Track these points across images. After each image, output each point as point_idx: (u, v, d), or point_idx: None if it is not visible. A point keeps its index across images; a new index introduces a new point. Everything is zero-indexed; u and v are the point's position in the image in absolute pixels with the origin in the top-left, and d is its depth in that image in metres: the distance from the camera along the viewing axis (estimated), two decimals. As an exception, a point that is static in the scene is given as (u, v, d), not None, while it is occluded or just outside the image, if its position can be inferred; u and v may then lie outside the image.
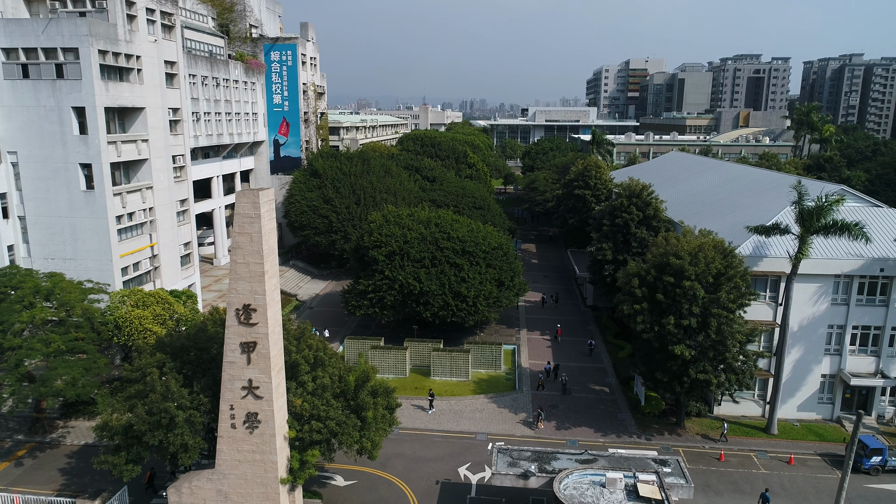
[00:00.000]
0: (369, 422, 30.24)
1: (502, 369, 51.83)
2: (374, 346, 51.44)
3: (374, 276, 53.80)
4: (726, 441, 40.77)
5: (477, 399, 46.64)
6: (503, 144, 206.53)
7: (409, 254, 53.37)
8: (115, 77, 47.37)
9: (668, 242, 40.22)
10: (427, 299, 52.39)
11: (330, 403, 29.75)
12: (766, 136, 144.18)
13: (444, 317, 52.80)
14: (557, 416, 44.14)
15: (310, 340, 31.69)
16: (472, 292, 52.08)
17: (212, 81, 71.52)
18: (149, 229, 51.61)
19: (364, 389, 30.86)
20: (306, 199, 76.79)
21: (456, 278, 52.79)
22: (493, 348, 51.79)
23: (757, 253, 42.05)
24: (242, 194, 25.91)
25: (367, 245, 55.12)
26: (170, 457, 28.53)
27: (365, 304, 53.95)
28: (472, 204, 79.25)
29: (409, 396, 46.84)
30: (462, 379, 49.91)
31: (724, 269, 37.59)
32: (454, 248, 53.90)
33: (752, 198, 52.03)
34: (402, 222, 56.13)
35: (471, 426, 42.79)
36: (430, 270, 53.05)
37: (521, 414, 44.50)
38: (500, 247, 56.30)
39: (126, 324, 40.57)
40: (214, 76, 72.20)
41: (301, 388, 29.91)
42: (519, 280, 57.50)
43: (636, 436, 41.90)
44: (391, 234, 54.71)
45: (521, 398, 46.83)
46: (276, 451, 27.87)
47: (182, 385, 28.91)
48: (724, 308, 37.43)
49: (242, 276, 26.48)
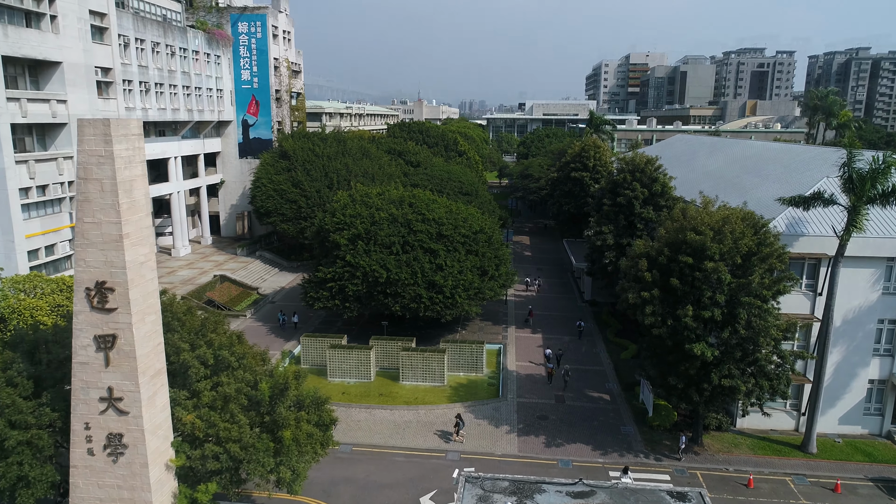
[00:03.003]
0: (288, 444, 22.45)
1: (485, 372, 44.08)
2: (333, 344, 43.70)
3: (336, 264, 46.08)
4: (680, 460, 33.26)
5: (452, 408, 38.85)
6: (499, 138, 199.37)
7: (376, 237, 45.64)
8: (20, 21, 39.63)
9: (685, 216, 32.45)
10: (396, 290, 44.66)
11: (236, 420, 21.99)
12: (776, 123, 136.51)
13: (417, 310, 45.07)
14: (548, 429, 36.37)
15: (212, 335, 23.88)
16: (449, 282, 44.34)
17: (165, 50, 63.85)
18: (69, 207, 43.84)
19: (283, 401, 23.08)
20: (273, 182, 69.03)
21: (430, 266, 45.07)
22: (475, 348, 44.02)
23: (792, 230, 34.33)
24: (86, 123, 18.11)
25: (328, 227, 47.40)
26: (6, 494, 20.73)
27: (324, 296, 46.21)
28: (459, 189, 71.36)
29: (372, 405, 39.08)
30: (436, 384, 42.15)
31: (756, 248, 29.84)
32: (429, 232, 46.19)
33: (780, 169, 44.25)
34: (370, 202, 48.40)
35: (440, 442, 35.01)
36: (400, 257, 45.33)
37: (503, 427, 36.73)
38: (482, 231, 48.59)
39: (14, 315, 32.77)
40: (169, 44, 64.52)
41: (195, 399, 22.14)
42: (506, 269, 49.77)
43: (643, 454, 34.13)
44: (357, 214, 46.99)
45: (506, 407, 39.06)
46: (149, 487, 20.08)
47: (30, 395, 21.16)
48: (757, 296, 29.66)
49: (93, 242, 18.71)
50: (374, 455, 33.66)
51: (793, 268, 34.10)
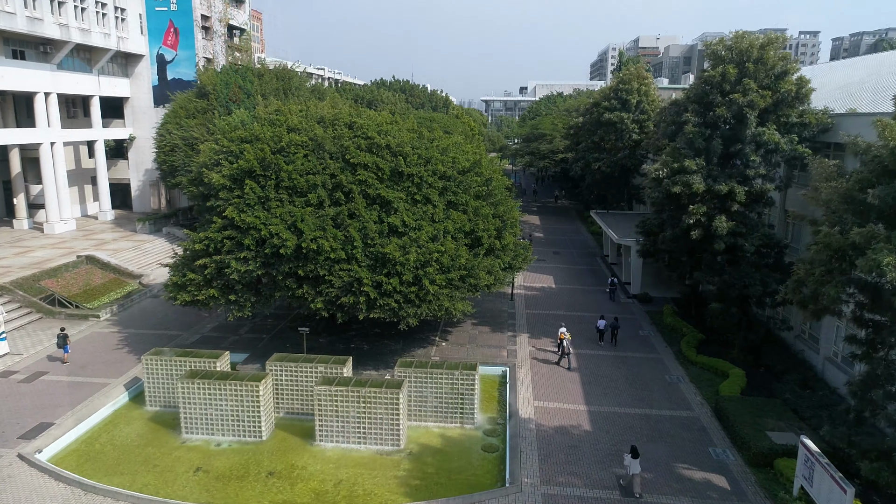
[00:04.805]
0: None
1: (476, 422, 23.90)
2: (194, 371, 23.51)
3: (211, 226, 25.86)
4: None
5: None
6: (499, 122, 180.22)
7: (281, 176, 25.40)
8: None
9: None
10: (316, 270, 24.45)
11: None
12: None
13: (354, 307, 24.90)
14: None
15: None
16: (411, 256, 24.09)
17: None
18: None
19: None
20: (182, 128, 48.87)
21: (379, 227, 24.90)
22: (460, 376, 23.74)
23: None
24: None
25: (204, 161, 27.23)
26: None
27: (191, 282, 25.96)
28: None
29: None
30: (384, 448, 22.01)
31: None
32: (379, 168, 25.98)
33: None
34: (278, 121, 28.14)
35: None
36: (324, 211, 25.15)
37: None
38: (475, 168, 28.41)
39: None
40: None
41: None
42: (513, 239, 29.58)
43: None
44: (250, 137, 26.78)
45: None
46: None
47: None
48: None
49: None
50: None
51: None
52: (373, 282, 24.10)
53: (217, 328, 33.03)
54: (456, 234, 26.18)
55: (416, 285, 24.23)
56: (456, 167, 27.49)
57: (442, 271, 24.74)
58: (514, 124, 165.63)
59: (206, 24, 61.63)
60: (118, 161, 62.50)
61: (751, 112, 25.46)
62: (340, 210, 25.07)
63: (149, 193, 61.54)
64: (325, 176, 25.63)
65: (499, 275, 27.70)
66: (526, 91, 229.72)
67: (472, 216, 27.07)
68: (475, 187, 27.88)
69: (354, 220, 25.08)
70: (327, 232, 24.27)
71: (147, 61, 59.56)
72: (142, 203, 61.95)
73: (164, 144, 49.81)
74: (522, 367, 28.59)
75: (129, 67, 59.59)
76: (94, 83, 54.88)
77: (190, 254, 26.59)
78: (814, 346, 28.32)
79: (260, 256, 24.67)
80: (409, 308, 24.58)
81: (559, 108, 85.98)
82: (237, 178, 25.54)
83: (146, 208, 61.63)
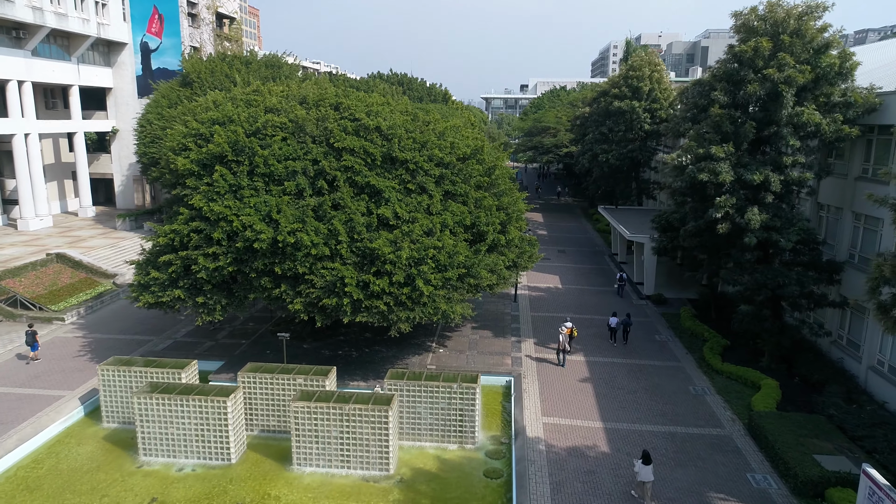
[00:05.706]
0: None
1: (478, 442, 20.92)
2: (155, 384, 20.54)
3: (177, 218, 22.86)
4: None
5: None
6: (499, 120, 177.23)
7: (254, 163, 22.40)
8: None
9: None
10: (295, 268, 21.47)
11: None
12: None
13: (338, 310, 21.91)
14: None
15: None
16: (403, 252, 21.08)
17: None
18: None
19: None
20: (163, 118, 45.85)
21: (367, 219, 21.92)
22: (459, 389, 20.75)
23: None
24: None
25: (171, 146, 24.26)
26: None
27: (155, 281, 22.99)
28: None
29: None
30: (372, 473, 19.05)
31: None
32: (368, 152, 22.99)
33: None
34: (255, 101, 25.14)
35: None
36: (305, 202, 22.15)
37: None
38: (476, 155, 25.46)
39: None
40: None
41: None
42: (518, 234, 26.59)
43: None
44: (223, 118, 23.79)
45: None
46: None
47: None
48: None
49: None
50: None
51: None
52: (358, 282, 21.09)
53: (192, 333, 30.04)
54: (455, 227, 23.20)
55: (408, 286, 21.22)
56: (455, 153, 24.51)
57: (438, 270, 21.74)
58: (515, 122, 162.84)
59: (193, 11, 58.66)
60: (101, 155, 59.56)
61: (787, 90, 22.44)
62: (323, 200, 22.08)
63: (132, 189, 58.59)
64: (307, 162, 22.63)
65: (503, 273, 24.68)
66: (527, 89, 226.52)
67: (472, 208, 24.10)
68: (476, 176, 24.91)
69: (339, 211, 22.08)
70: (307, 224, 21.27)
71: (130, 49, 56.57)
72: (125, 199, 58.96)
73: (144, 135, 46.87)
74: (528, 376, 25.60)
75: (112, 56, 56.60)
76: (73, 72, 51.91)
77: (157, 249, 23.62)
78: (854, 354, 25.35)
79: (231, 252, 21.67)
80: (400, 312, 21.58)
81: (563, 101, 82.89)
82: (206, 163, 22.55)
83: (130, 204, 58.65)
